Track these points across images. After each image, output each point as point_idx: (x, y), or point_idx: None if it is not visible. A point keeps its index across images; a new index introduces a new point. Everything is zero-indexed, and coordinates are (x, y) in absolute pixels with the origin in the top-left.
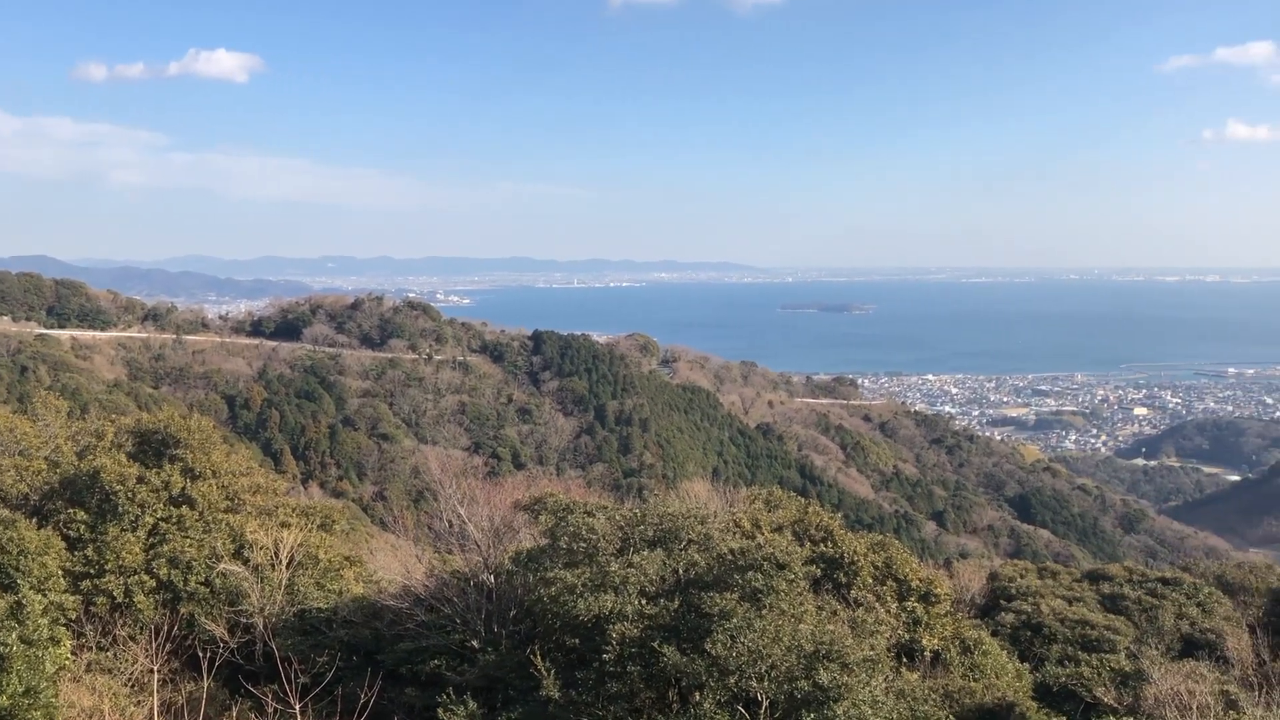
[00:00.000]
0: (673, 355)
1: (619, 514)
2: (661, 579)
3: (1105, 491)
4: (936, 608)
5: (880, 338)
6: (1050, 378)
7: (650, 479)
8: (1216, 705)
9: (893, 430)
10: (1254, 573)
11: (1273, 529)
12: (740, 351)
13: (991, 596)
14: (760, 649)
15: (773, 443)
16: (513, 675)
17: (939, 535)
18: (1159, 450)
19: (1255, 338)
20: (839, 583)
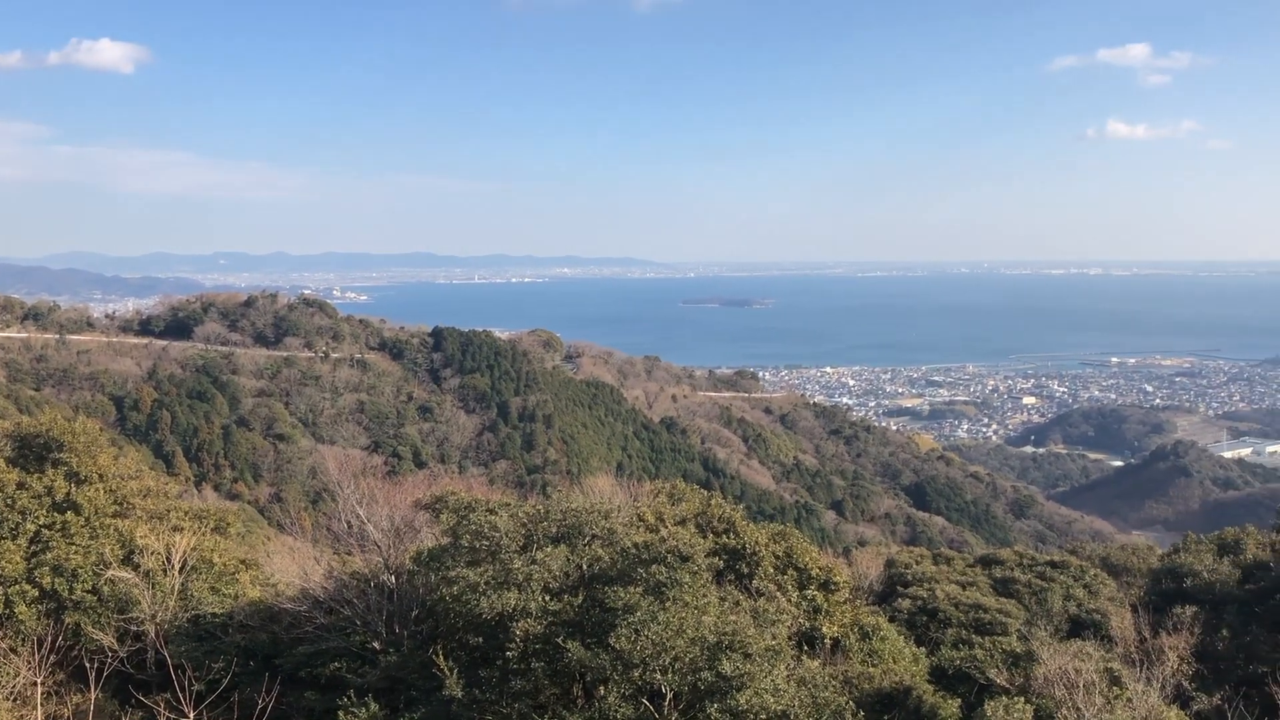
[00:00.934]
0: (576, 351)
1: (522, 511)
2: (565, 575)
3: (997, 479)
4: (836, 595)
5: (780, 331)
6: (943, 369)
7: (554, 475)
8: (1101, 682)
9: (793, 422)
10: (1136, 554)
11: (1153, 511)
12: (644, 346)
13: (889, 583)
14: (664, 641)
15: (676, 437)
16: (415, 675)
17: (838, 524)
18: (1047, 438)
19: (1135, 328)
20: (741, 573)
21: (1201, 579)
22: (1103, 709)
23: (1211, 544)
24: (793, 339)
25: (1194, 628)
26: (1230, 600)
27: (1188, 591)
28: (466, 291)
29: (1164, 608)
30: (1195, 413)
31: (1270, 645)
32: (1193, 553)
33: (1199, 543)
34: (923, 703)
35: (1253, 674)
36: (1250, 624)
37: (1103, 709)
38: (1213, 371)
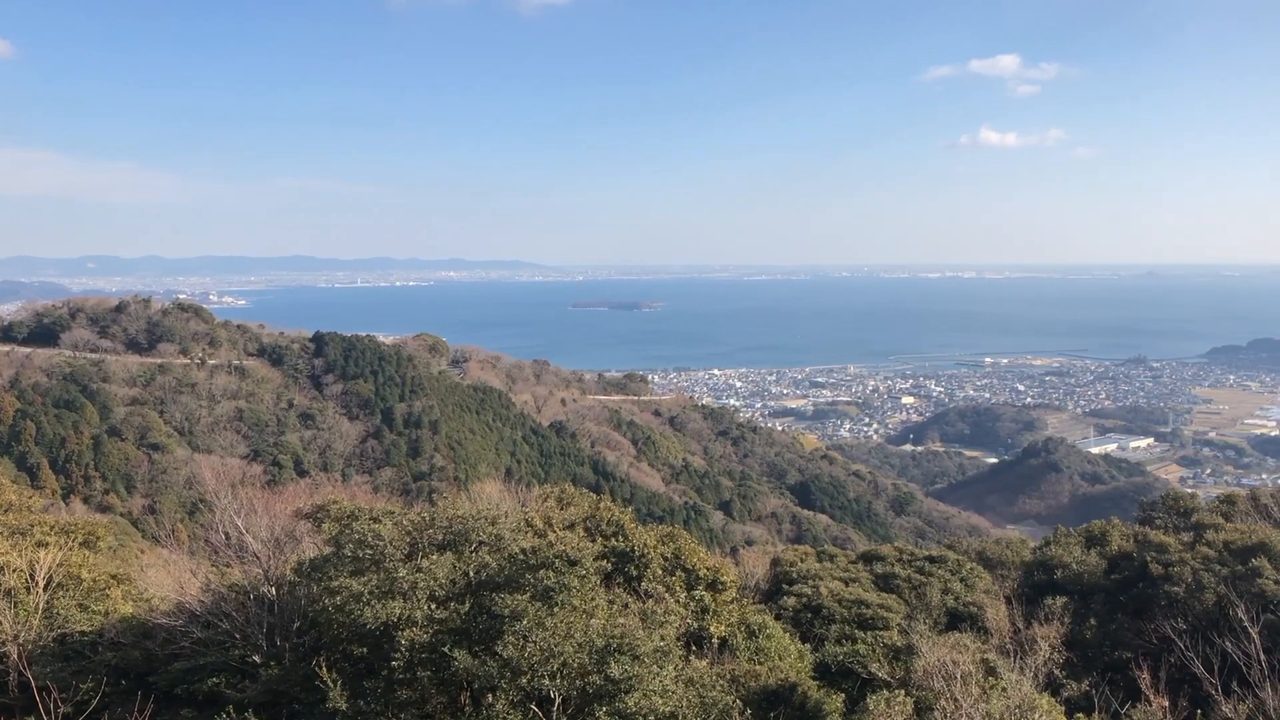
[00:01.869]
0: (463, 355)
1: (407, 518)
2: (452, 582)
3: (878, 476)
4: (723, 595)
5: (669, 334)
6: (826, 370)
7: (441, 482)
8: (978, 673)
9: (682, 424)
10: (1010, 547)
11: (1026, 506)
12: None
13: (775, 581)
14: (552, 647)
15: (566, 440)
16: (297, 689)
17: (726, 524)
18: (925, 436)
19: (1008, 329)
20: (630, 576)
21: (1071, 570)
22: (979, 699)
23: (1080, 537)
24: (681, 341)
25: (1064, 617)
26: (1097, 590)
27: (1058, 583)
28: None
29: (1036, 599)
30: (1064, 410)
31: (1134, 632)
32: (1062, 545)
33: (1068, 536)
34: (808, 699)
35: (1118, 660)
36: (1116, 613)
37: (979, 699)
38: (1080, 371)
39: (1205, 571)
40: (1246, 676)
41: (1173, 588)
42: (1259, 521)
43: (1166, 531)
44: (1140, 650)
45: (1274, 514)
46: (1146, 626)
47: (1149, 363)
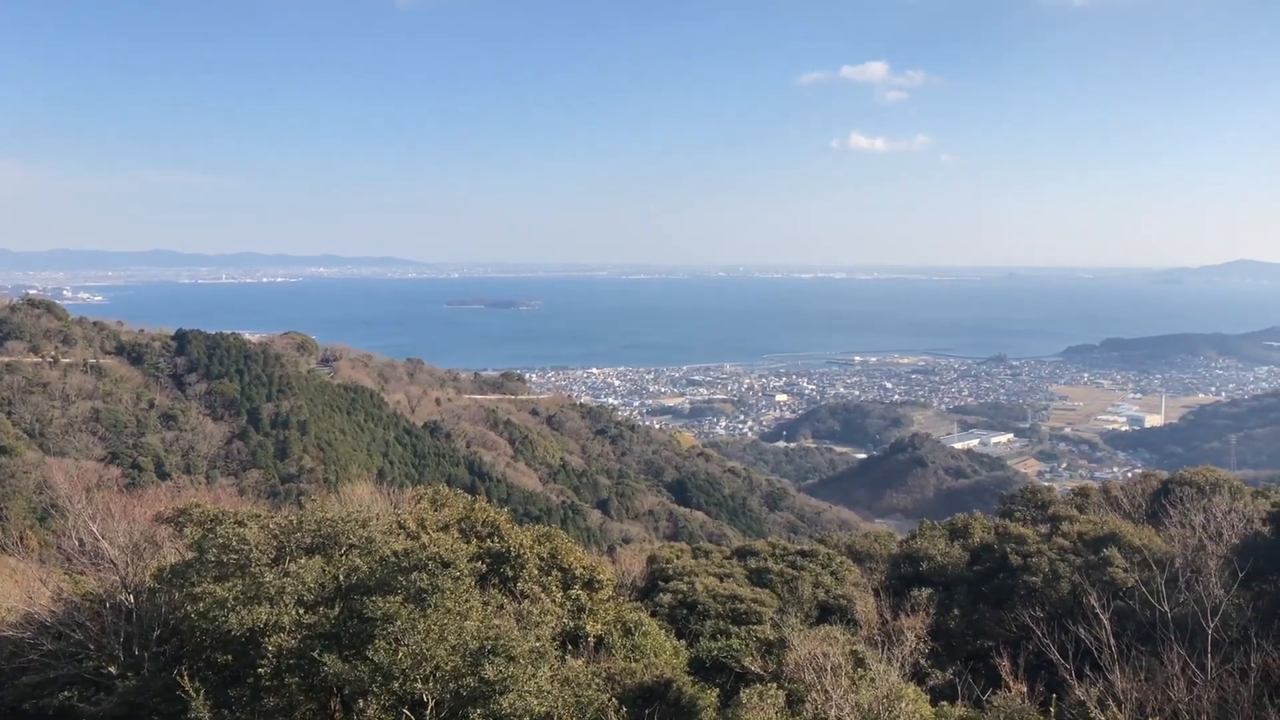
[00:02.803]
0: (333, 354)
1: (274, 522)
2: (321, 586)
3: (753, 473)
4: (600, 594)
5: (547, 333)
6: (703, 368)
7: (310, 484)
8: (847, 664)
9: (560, 423)
10: (878, 541)
11: (894, 500)
12: (406, 349)
13: (651, 578)
14: (425, 650)
15: (440, 441)
16: (157, 700)
17: (604, 523)
18: (798, 433)
19: (877, 329)
20: (506, 576)
21: (935, 562)
22: (848, 690)
23: (944, 529)
24: (559, 340)
25: (929, 608)
26: (960, 581)
27: (924, 575)
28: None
29: (903, 591)
30: (930, 407)
31: (995, 621)
32: (927, 538)
33: (933, 528)
34: (683, 694)
35: (980, 648)
36: (978, 602)
37: (848, 690)
38: (944, 369)
39: (1061, 562)
40: (1098, 661)
41: (1031, 578)
42: (1110, 513)
43: (1025, 524)
44: (1001, 638)
45: (1124, 506)
46: (1007, 615)
47: (1009, 361)
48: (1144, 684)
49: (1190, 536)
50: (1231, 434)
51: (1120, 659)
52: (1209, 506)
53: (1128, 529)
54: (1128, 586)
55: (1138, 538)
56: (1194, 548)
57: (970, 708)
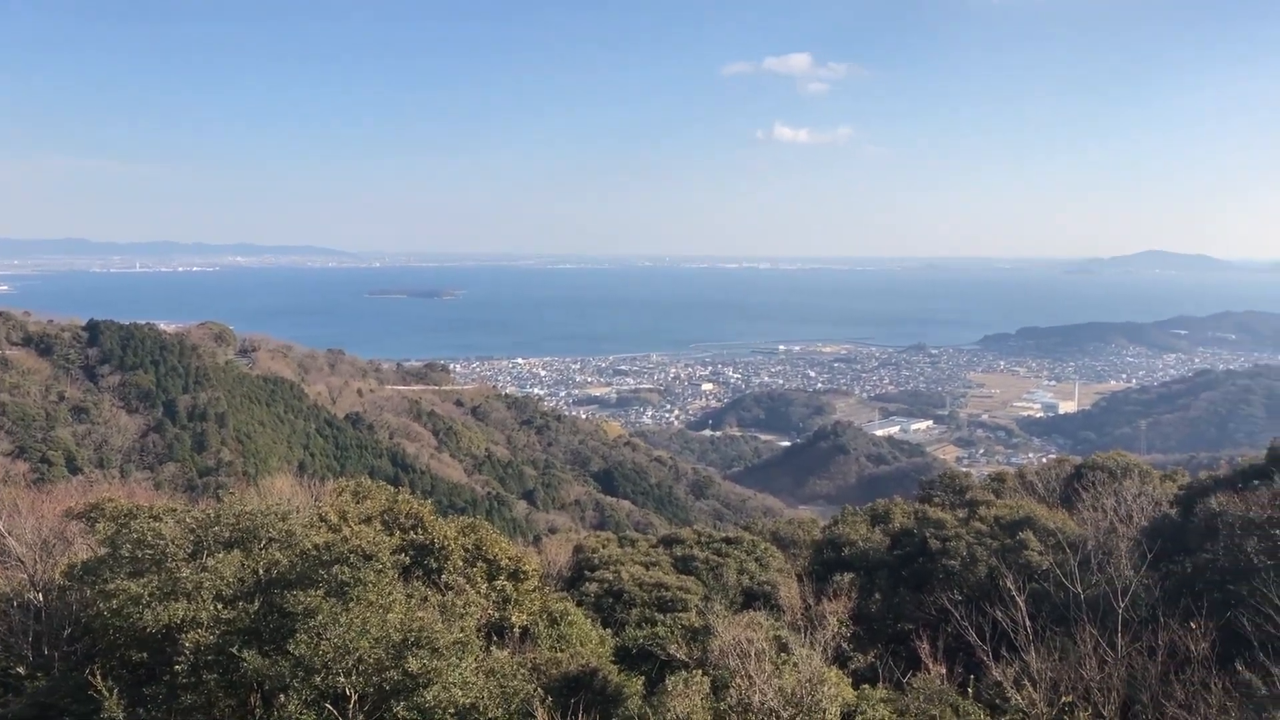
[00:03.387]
0: (252, 345)
1: (190, 516)
2: (240, 581)
3: (679, 461)
4: (525, 584)
5: (472, 322)
6: (629, 358)
7: (229, 477)
8: (771, 649)
9: (485, 414)
10: (801, 527)
11: (817, 487)
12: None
13: (577, 568)
14: (347, 643)
15: (363, 432)
16: (68, 700)
17: (530, 513)
18: (724, 421)
19: (800, 318)
20: (430, 569)
21: (857, 547)
22: (772, 675)
23: (865, 515)
24: (485, 330)
25: (851, 593)
26: (882, 566)
27: (846, 559)
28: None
29: (826, 576)
30: (852, 395)
31: (914, 604)
32: (849, 524)
33: (855, 514)
34: (608, 683)
35: (900, 631)
36: (898, 586)
37: (772, 675)
38: (866, 357)
39: (978, 545)
40: (1014, 641)
41: (949, 561)
42: (1025, 497)
43: (944, 508)
44: (921, 621)
45: (1039, 490)
46: (926, 599)
47: (929, 350)
48: (1058, 663)
49: (1102, 519)
50: (1141, 420)
51: (1035, 639)
52: (1120, 490)
53: (1042, 513)
54: (1043, 569)
55: (1052, 521)
56: (1105, 530)
57: (891, 690)
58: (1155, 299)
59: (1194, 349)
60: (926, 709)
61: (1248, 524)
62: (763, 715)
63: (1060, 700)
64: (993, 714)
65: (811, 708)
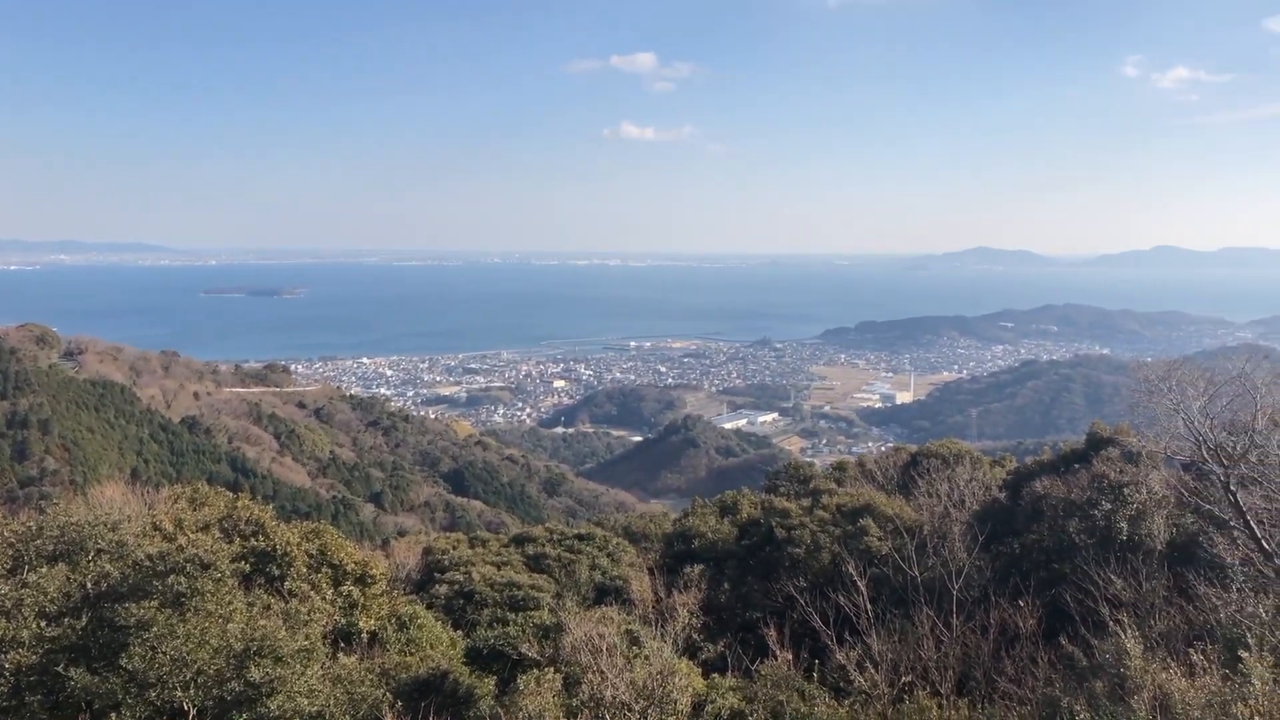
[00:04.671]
0: (78, 347)
1: (9, 529)
2: (66, 596)
3: (531, 459)
4: (373, 588)
5: (315, 321)
6: (480, 356)
7: (55, 487)
8: (623, 644)
9: (329, 415)
10: (653, 521)
11: (669, 480)
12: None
13: (427, 570)
14: (185, 655)
15: (200, 437)
16: None
17: (378, 516)
18: (576, 418)
19: (650, 314)
20: (272, 576)
21: (707, 539)
22: (624, 669)
23: (715, 507)
24: (328, 329)
25: (701, 584)
26: (730, 556)
27: (696, 551)
28: None
29: (677, 568)
30: (701, 390)
31: (762, 593)
32: (699, 516)
33: (705, 506)
34: (460, 684)
35: (749, 620)
36: (747, 576)
37: (624, 669)
38: (714, 352)
39: (821, 533)
40: (857, 625)
41: (795, 549)
42: (865, 485)
43: (789, 498)
44: (768, 609)
45: (878, 478)
46: (773, 587)
47: (774, 344)
48: (898, 645)
49: (937, 505)
50: (972, 408)
51: (876, 623)
52: (953, 477)
53: (881, 500)
54: (882, 554)
55: (890, 508)
56: (940, 515)
57: (740, 678)
58: (983, 293)
59: (1019, 340)
60: (774, 695)
61: (1069, 506)
62: (615, 709)
63: (900, 680)
64: (837, 696)
65: (663, 699)
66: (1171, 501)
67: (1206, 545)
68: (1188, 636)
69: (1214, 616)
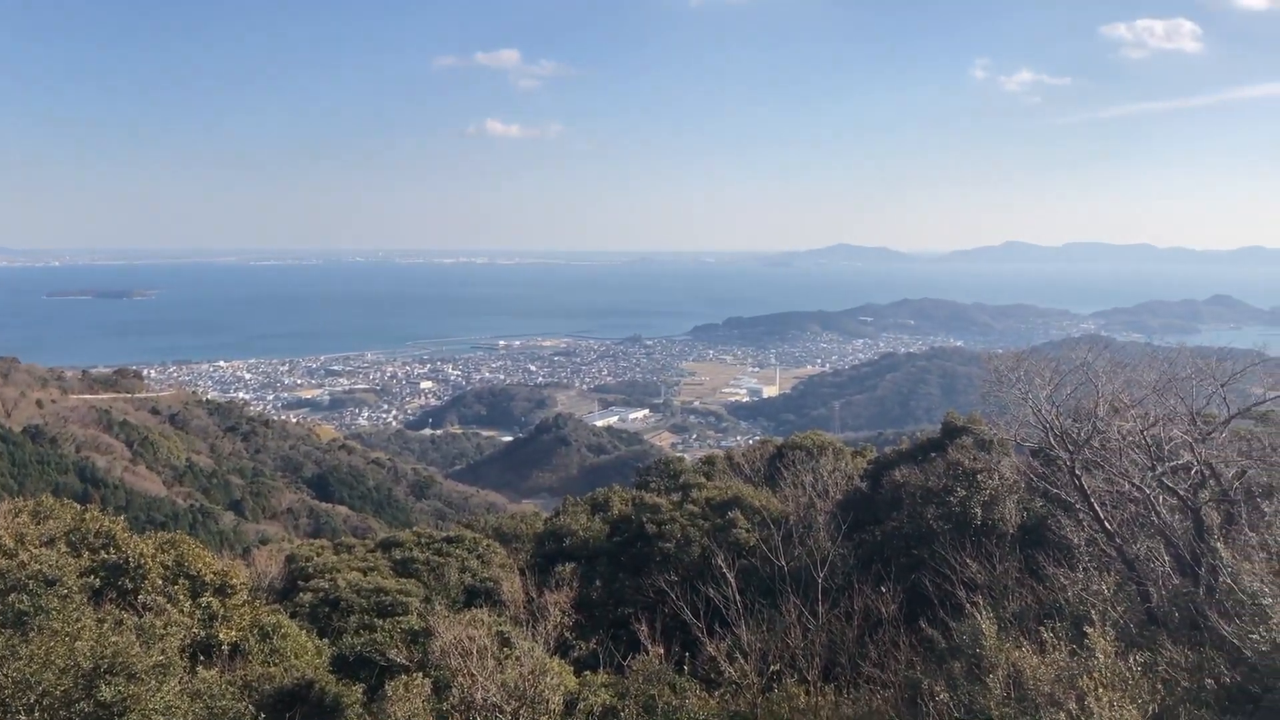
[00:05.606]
0: None
1: None
2: None
3: (398, 462)
4: (234, 599)
5: (168, 324)
6: (343, 357)
7: None
8: (493, 645)
9: (184, 421)
10: (524, 521)
11: (540, 480)
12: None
13: (290, 578)
14: (28, 677)
15: (45, 447)
16: None
17: (238, 524)
18: (444, 419)
19: (520, 312)
20: (125, 590)
21: (578, 537)
22: (494, 670)
23: (586, 504)
24: (183, 332)
25: (573, 582)
26: (602, 553)
27: (567, 550)
28: None
29: (548, 567)
30: (572, 388)
31: (634, 589)
32: (571, 514)
33: (576, 504)
34: (326, 694)
35: (621, 616)
36: (618, 572)
37: (494, 670)
38: (585, 350)
39: (692, 527)
40: (726, 617)
41: (665, 544)
42: (734, 478)
43: (660, 493)
44: (640, 605)
45: (745, 471)
46: (645, 582)
47: (644, 341)
48: (766, 635)
49: (802, 495)
50: (835, 401)
51: (745, 614)
52: (817, 468)
53: (749, 492)
54: (750, 545)
55: (757, 499)
56: (805, 505)
57: (612, 674)
58: (845, 289)
59: (879, 334)
60: (646, 689)
61: (927, 493)
62: (486, 711)
63: (769, 669)
64: (708, 688)
65: (535, 699)
66: (1022, 486)
67: (1054, 527)
68: (1038, 615)
69: (1062, 595)
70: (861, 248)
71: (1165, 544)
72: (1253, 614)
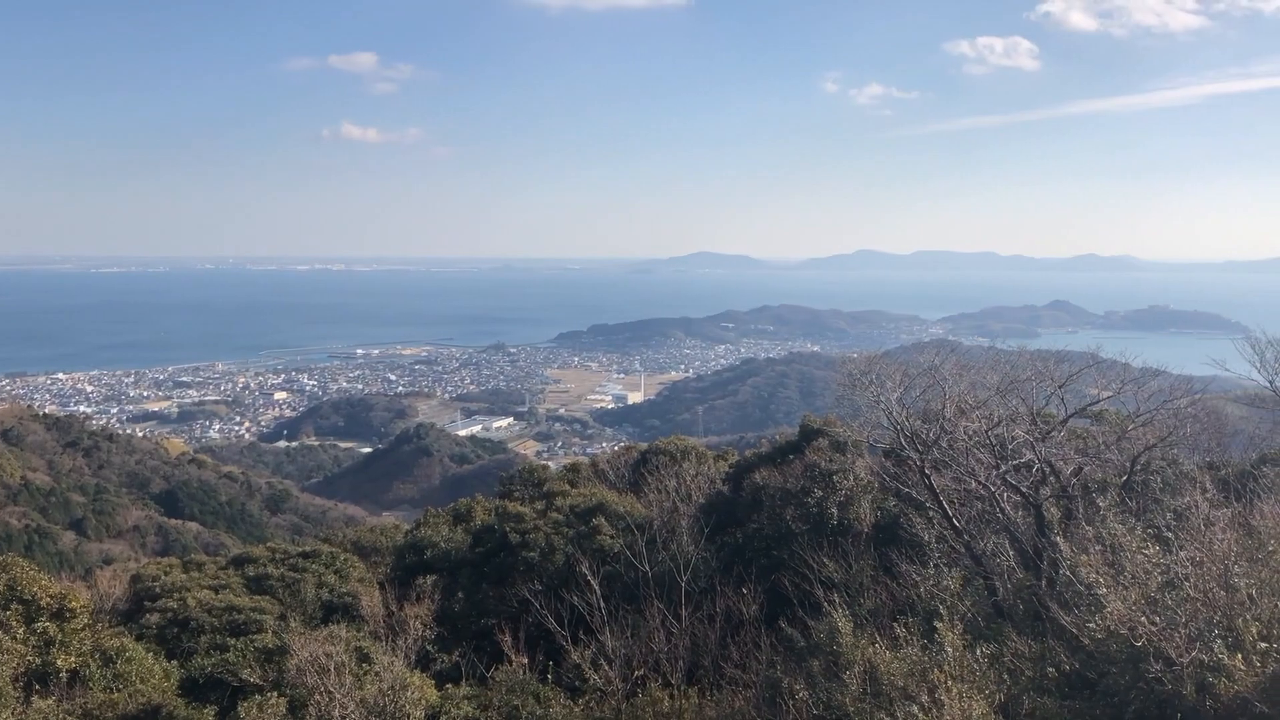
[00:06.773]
0: None
1: None
2: None
3: (251, 476)
4: (73, 623)
5: None
6: (192, 368)
7: None
8: (351, 661)
9: (19, 437)
10: (384, 534)
11: (401, 491)
12: None
13: (136, 599)
14: None
15: None
16: None
17: (79, 544)
18: (300, 431)
19: (379, 320)
20: None
21: (440, 549)
22: (353, 686)
23: (448, 515)
24: (15, 342)
25: (434, 595)
26: (465, 564)
27: (429, 562)
28: None
29: (409, 580)
30: (434, 397)
31: (497, 599)
32: (432, 526)
33: (437, 516)
34: (174, 718)
35: (484, 627)
36: (481, 583)
37: (353, 686)
38: (447, 359)
39: (556, 535)
40: (591, 624)
41: (529, 553)
42: (599, 484)
43: (524, 502)
44: (504, 615)
45: (610, 477)
46: (509, 592)
47: (507, 348)
48: (630, 640)
49: (665, 500)
50: (698, 406)
51: (610, 620)
52: (680, 472)
53: (613, 498)
54: (614, 551)
55: (622, 505)
56: (669, 510)
57: (475, 686)
58: (707, 295)
59: (740, 340)
60: (509, 700)
61: (786, 494)
62: None
63: (634, 674)
64: (572, 696)
65: (395, 715)
66: (875, 486)
67: (907, 525)
68: (892, 612)
69: (915, 591)
70: (722, 255)
71: (1010, 539)
72: (1089, 604)
